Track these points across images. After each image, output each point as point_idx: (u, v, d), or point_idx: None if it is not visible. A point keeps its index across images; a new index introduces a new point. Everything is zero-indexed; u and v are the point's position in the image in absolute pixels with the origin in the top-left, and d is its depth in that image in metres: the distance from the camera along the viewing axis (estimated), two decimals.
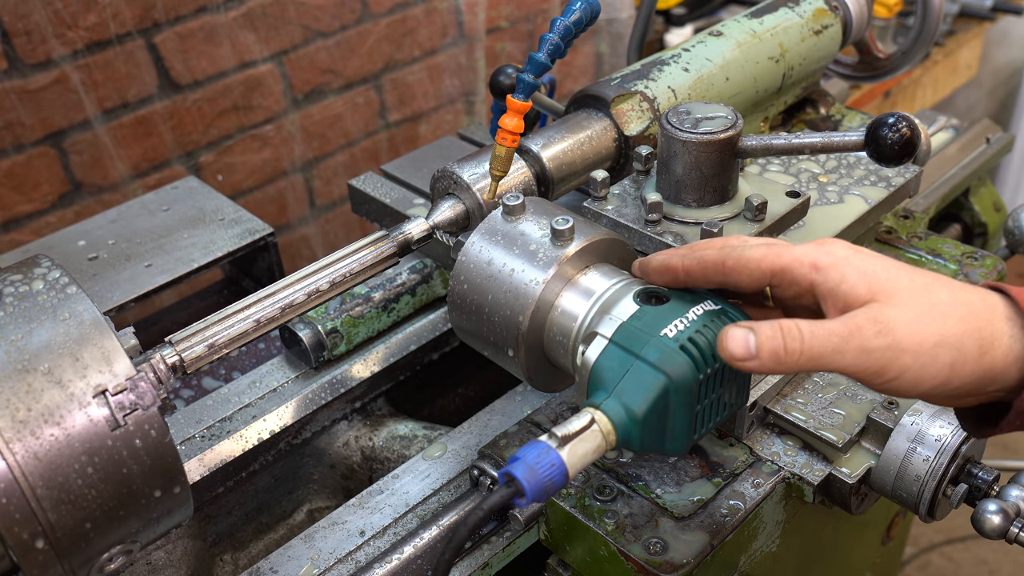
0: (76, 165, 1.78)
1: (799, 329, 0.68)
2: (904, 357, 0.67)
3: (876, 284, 0.68)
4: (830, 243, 0.72)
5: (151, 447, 0.70)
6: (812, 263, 0.70)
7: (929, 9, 1.24)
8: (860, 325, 0.67)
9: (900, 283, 0.69)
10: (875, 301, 0.68)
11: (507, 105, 0.94)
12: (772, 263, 0.72)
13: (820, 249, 0.71)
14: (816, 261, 0.70)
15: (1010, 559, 2.58)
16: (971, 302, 0.69)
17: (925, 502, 0.88)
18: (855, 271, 0.69)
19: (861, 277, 0.69)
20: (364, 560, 0.91)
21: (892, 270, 0.70)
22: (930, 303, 0.68)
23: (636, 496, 0.90)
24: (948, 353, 0.67)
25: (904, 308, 0.68)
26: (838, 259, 0.70)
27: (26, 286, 0.73)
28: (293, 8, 1.94)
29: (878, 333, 0.67)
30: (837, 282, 0.69)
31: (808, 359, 0.68)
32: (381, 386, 1.16)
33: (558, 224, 0.82)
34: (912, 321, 0.67)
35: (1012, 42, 3.40)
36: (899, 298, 0.68)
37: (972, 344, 0.68)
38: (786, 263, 0.71)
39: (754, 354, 0.69)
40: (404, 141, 2.29)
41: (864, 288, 0.68)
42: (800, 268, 0.71)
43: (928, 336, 0.67)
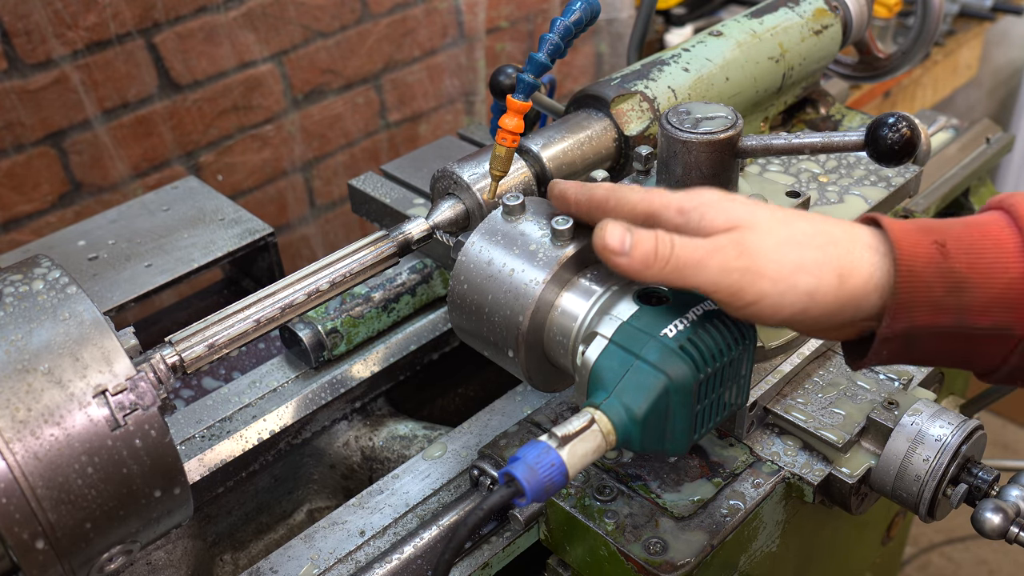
0: (76, 165, 1.78)
1: (671, 240, 0.71)
2: (762, 281, 0.69)
3: (734, 217, 0.71)
4: (700, 190, 0.75)
5: (151, 447, 0.70)
6: (678, 207, 0.73)
7: (929, 9, 1.24)
8: (722, 245, 0.70)
9: (760, 216, 0.71)
10: (735, 229, 0.71)
11: (507, 105, 0.94)
12: (647, 207, 0.75)
13: (688, 195, 0.74)
14: (681, 205, 0.73)
15: (1010, 559, 2.58)
16: (830, 232, 0.71)
17: (925, 502, 0.88)
18: (715, 209, 0.72)
19: (720, 212, 0.72)
20: (364, 560, 0.91)
21: (753, 207, 0.72)
22: (790, 233, 0.70)
23: (636, 496, 0.90)
24: (807, 280, 0.69)
25: (764, 236, 0.70)
26: (702, 202, 0.73)
27: (26, 286, 0.73)
28: (293, 8, 1.94)
29: (738, 255, 0.69)
30: (698, 220, 0.72)
31: (673, 268, 0.70)
32: (381, 386, 1.16)
33: (558, 224, 0.82)
34: (772, 248, 0.69)
35: (1012, 42, 3.40)
36: (759, 228, 0.70)
37: (831, 272, 0.69)
38: (656, 208, 0.74)
39: (626, 251, 0.72)
40: (404, 141, 2.29)
41: (722, 220, 0.71)
42: (667, 212, 0.74)
43: (787, 263, 0.69)
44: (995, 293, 0.69)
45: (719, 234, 0.71)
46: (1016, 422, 2.96)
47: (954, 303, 0.69)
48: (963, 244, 0.70)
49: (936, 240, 0.70)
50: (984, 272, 0.69)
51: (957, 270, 0.69)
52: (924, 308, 0.69)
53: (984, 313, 0.69)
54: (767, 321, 0.71)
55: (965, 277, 0.69)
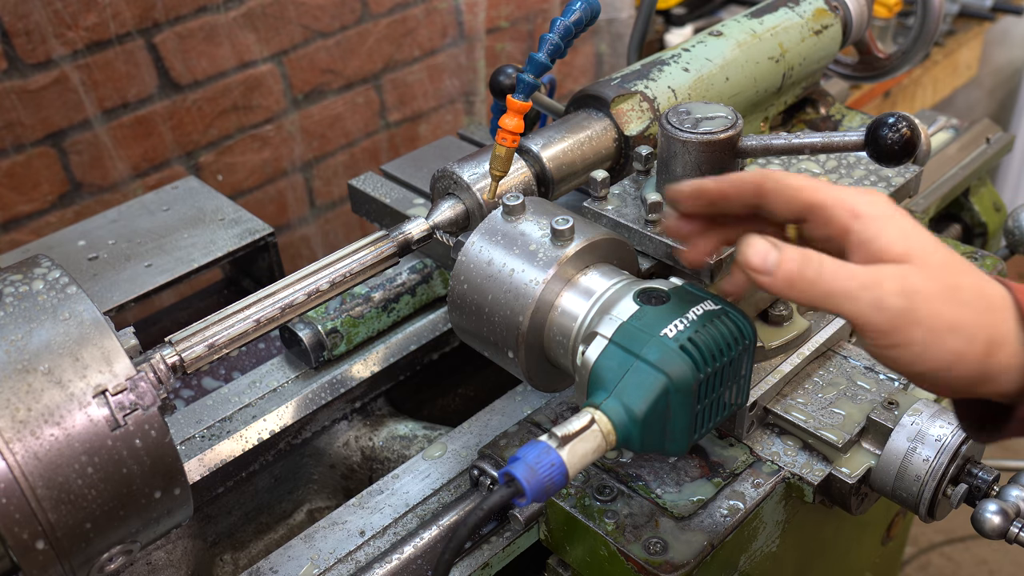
0: (76, 165, 1.78)
1: (820, 261, 0.66)
2: (916, 329, 0.64)
3: (913, 247, 0.65)
4: (874, 193, 0.69)
5: (151, 447, 0.70)
6: (852, 209, 0.67)
7: (929, 9, 1.24)
8: (884, 278, 0.64)
9: (935, 255, 0.66)
10: (907, 263, 0.65)
11: (507, 105, 0.94)
12: (811, 196, 0.69)
13: (864, 197, 0.68)
14: (857, 208, 0.67)
15: (1010, 559, 2.58)
16: (991, 296, 0.66)
17: (925, 502, 0.88)
18: (896, 228, 0.66)
19: (900, 235, 0.66)
20: (364, 560, 0.91)
21: (929, 240, 0.67)
22: (957, 284, 0.65)
23: (636, 496, 0.90)
24: (957, 342, 0.64)
25: (932, 280, 0.65)
26: (881, 212, 0.67)
27: (26, 286, 0.73)
28: (293, 8, 1.94)
29: (899, 292, 0.64)
30: (874, 235, 0.66)
31: (820, 293, 0.65)
32: (381, 386, 1.16)
33: (558, 224, 0.82)
34: (935, 295, 0.64)
35: (1012, 42, 3.40)
36: (931, 268, 0.65)
37: (982, 339, 0.65)
38: (826, 200, 0.68)
39: (770, 270, 0.66)
40: (404, 141, 2.29)
41: (901, 247, 0.65)
42: (839, 209, 0.68)
43: (945, 317, 0.64)
44: None
45: (885, 263, 0.66)
46: None
47: None
48: None
49: None
50: None
51: None
52: None
53: None
54: (903, 369, 0.67)
55: None
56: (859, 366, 1.00)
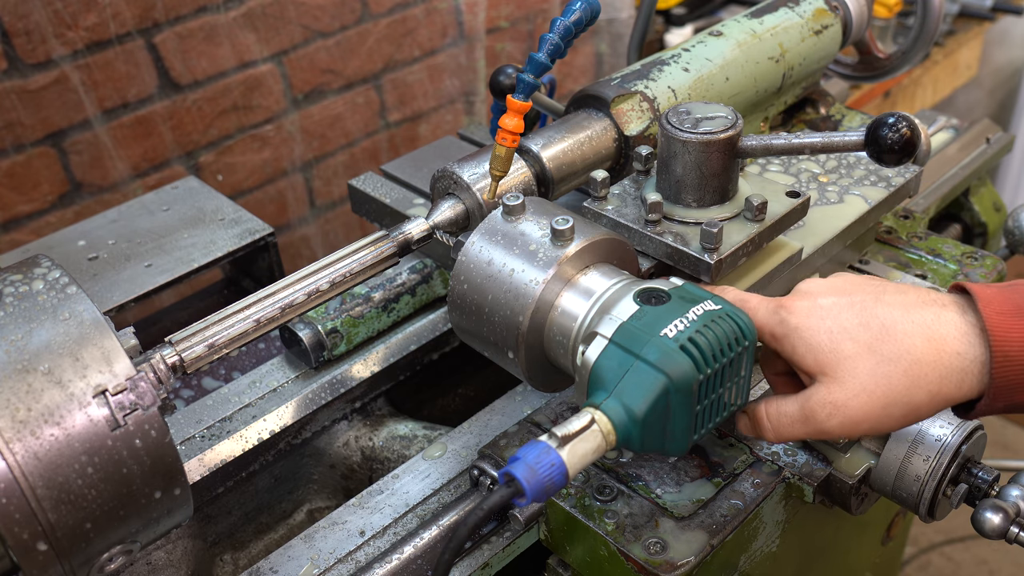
0: (76, 165, 1.78)
1: (767, 417, 0.79)
2: (859, 428, 0.75)
3: (820, 359, 0.75)
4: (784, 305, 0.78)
5: (151, 447, 0.70)
6: (771, 334, 0.79)
7: (929, 9, 1.24)
8: (814, 410, 0.75)
9: (843, 352, 0.74)
10: (823, 375, 0.75)
11: (507, 105, 0.94)
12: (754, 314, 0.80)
13: (774, 318, 0.78)
14: (773, 332, 0.79)
15: (1010, 559, 2.58)
16: (915, 350, 0.73)
17: (925, 502, 0.88)
18: (803, 344, 0.76)
19: (808, 351, 0.76)
20: (364, 560, 0.91)
21: (836, 336, 0.75)
22: (874, 364, 0.73)
23: (636, 496, 0.90)
24: (899, 409, 0.74)
25: (849, 382, 0.74)
26: (787, 331, 0.77)
27: (26, 286, 0.73)
28: (293, 8, 1.94)
29: (830, 415, 0.75)
30: (790, 354, 0.77)
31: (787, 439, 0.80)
32: (381, 386, 1.16)
33: (558, 224, 0.82)
34: (859, 393, 0.74)
35: (1012, 42, 3.40)
36: (842, 371, 0.74)
37: (922, 394, 0.73)
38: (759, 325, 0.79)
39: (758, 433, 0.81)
40: (404, 141, 2.29)
41: (811, 362, 0.76)
42: (763, 337, 0.80)
43: (876, 402, 0.73)
44: None
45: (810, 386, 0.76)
46: (1016, 422, 2.96)
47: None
48: None
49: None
50: None
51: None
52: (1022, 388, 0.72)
53: None
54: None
55: None
56: None
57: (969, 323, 0.73)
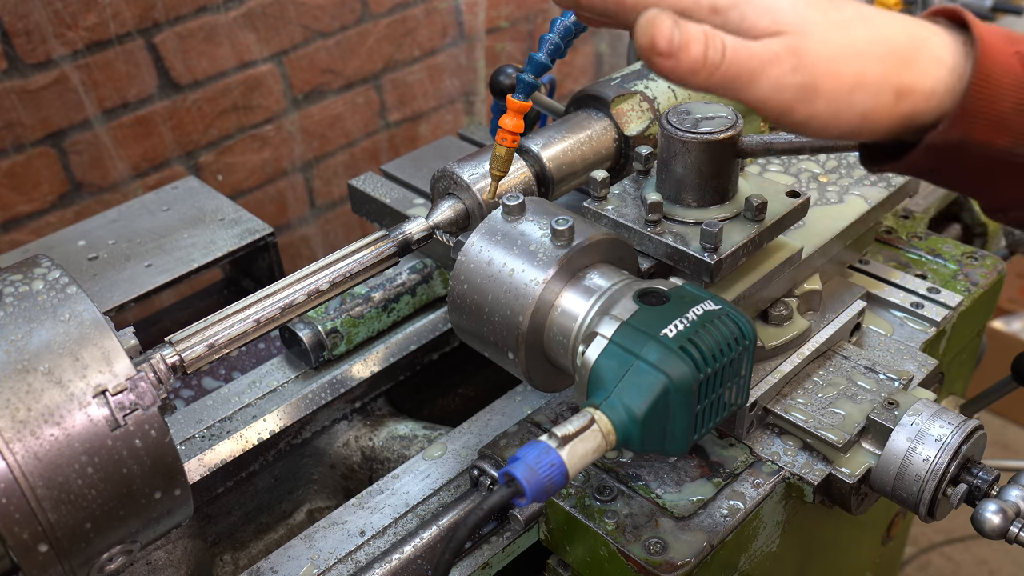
0: (76, 165, 1.78)
1: (722, 43, 0.61)
2: (818, 101, 0.62)
3: (781, 20, 0.62)
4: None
5: (151, 447, 0.70)
6: (711, 5, 0.63)
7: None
8: (778, 55, 0.61)
9: (810, 18, 0.62)
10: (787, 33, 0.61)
11: (507, 105, 0.94)
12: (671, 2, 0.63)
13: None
14: (715, 3, 0.63)
15: (1010, 559, 2.58)
16: (892, 39, 0.63)
17: (925, 502, 0.88)
18: (756, 8, 0.62)
19: (763, 13, 0.62)
20: (364, 560, 0.91)
21: (800, 5, 0.62)
22: (848, 40, 0.62)
23: (636, 496, 0.90)
24: (863, 99, 0.62)
25: (822, 44, 0.61)
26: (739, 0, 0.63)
27: (26, 286, 0.73)
28: (293, 8, 1.94)
29: (795, 68, 0.61)
30: (737, 22, 0.62)
31: (723, 77, 0.61)
32: (381, 386, 1.16)
33: (558, 224, 0.82)
34: (830, 59, 0.61)
35: None
36: (813, 34, 0.62)
37: (888, 91, 0.62)
38: (684, 6, 0.63)
39: (674, 51, 0.60)
40: (404, 141, 2.29)
41: (767, 22, 0.62)
42: (699, 11, 0.63)
43: (845, 79, 0.62)
44: None
45: (768, 38, 0.61)
46: (1016, 422, 2.95)
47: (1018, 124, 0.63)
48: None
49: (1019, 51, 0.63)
50: None
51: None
52: (986, 120, 0.63)
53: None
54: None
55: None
56: (859, 366, 1.00)
57: (955, 39, 0.64)
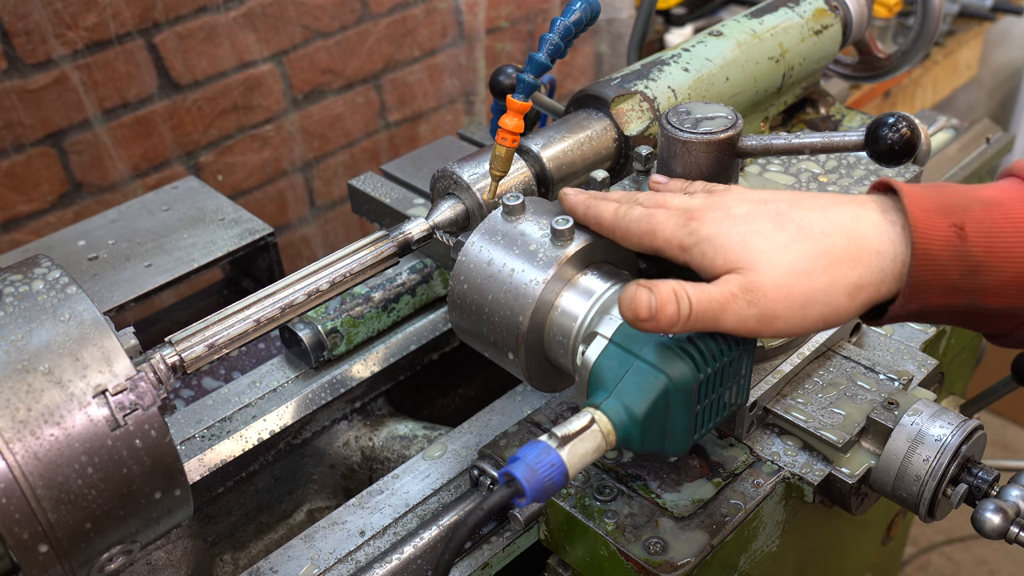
0: (76, 165, 1.78)
1: (688, 295, 0.71)
2: (777, 323, 0.71)
3: (732, 257, 0.72)
4: (695, 216, 0.75)
5: (151, 447, 0.70)
6: (680, 246, 0.75)
7: (929, 9, 1.24)
8: (734, 293, 0.70)
9: (757, 248, 0.71)
10: (738, 269, 0.71)
11: (507, 105, 0.94)
12: (651, 243, 0.77)
13: (684, 230, 0.75)
14: (682, 243, 0.75)
15: (1010, 559, 2.58)
16: (833, 248, 0.71)
17: (925, 502, 0.88)
18: (714, 250, 0.73)
19: (718, 252, 0.72)
20: (364, 560, 0.91)
21: (749, 238, 0.72)
22: (792, 261, 0.70)
23: (636, 496, 0.90)
24: (818, 310, 0.70)
25: (767, 274, 0.70)
26: (698, 239, 0.74)
27: (26, 286, 0.73)
28: (293, 8, 1.94)
29: (750, 303, 0.70)
30: (699, 262, 0.74)
31: (695, 322, 0.71)
32: (381, 386, 1.16)
33: (558, 224, 0.82)
34: (778, 285, 0.70)
35: (1012, 42, 3.40)
36: (759, 264, 0.71)
37: (840, 294, 0.70)
38: (659, 245, 0.76)
39: (654, 315, 0.71)
40: (404, 141, 2.29)
41: (721, 262, 0.72)
42: (671, 251, 0.76)
43: (796, 299, 0.70)
44: (1009, 276, 0.70)
45: (726, 275, 0.72)
46: (1016, 422, 2.96)
47: (968, 285, 0.70)
48: (982, 227, 0.70)
49: (955, 223, 0.70)
50: (1001, 256, 0.70)
51: (974, 254, 0.70)
52: (938, 290, 0.71)
53: (998, 295, 0.71)
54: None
55: (981, 261, 0.70)
56: (859, 366, 1.00)
57: (889, 221, 0.72)
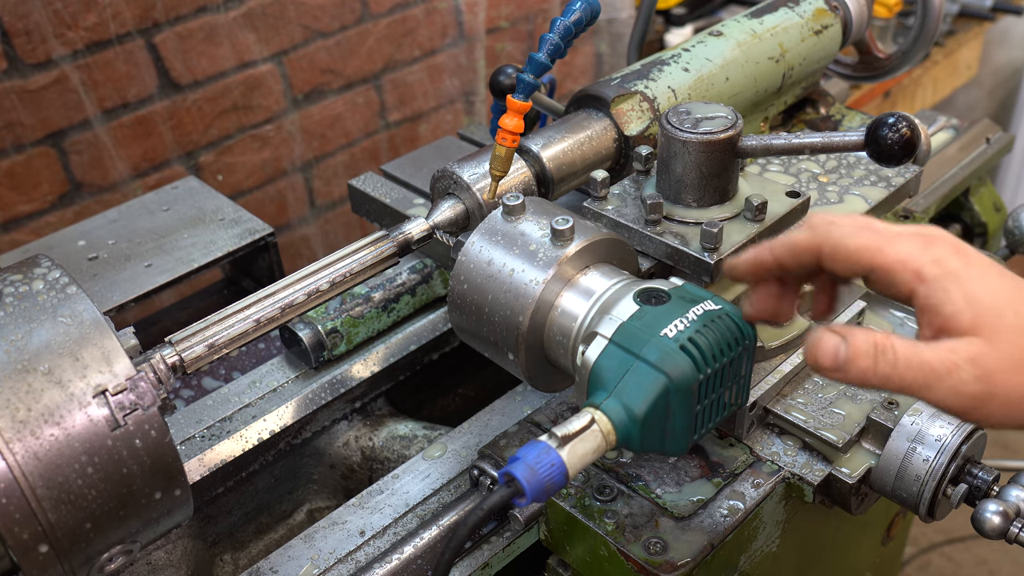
0: (76, 165, 1.78)
1: (895, 353, 0.63)
2: (992, 405, 0.62)
3: (981, 316, 0.62)
4: (937, 243, 0.65)
5: (151, 447, 0.70)
6: (916, 272, 0.64)
7: (929, 9, 1.24)
8: (959, 366, 0.62)
9: (1005, 318, 0.63)
10: (976, 336, 0.62)
11: (507, 105, 0.94)
12: (872, 259, 0.66)
13: (927, 254, 0.65)
14: (921, 271, 0.64)
15: (1010, 559, 2.58)
16: None
17: (925, 502, 0.88)
18: (961, 294, 0.63)
19: (967, 303, 0.63)
20: (364, 560, 0.91)
21: (1000, 297, 0.63)
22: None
23: (636, 496, 0.90)
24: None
25: (1005, 351, 0.62)
26: (946, 272, 0.64)
27: (26, 286, 0.73)
28: (293, 8, 1.94)
29: (976, 379, 0.62)
30: (940, 301, 0.63)
31: (896, 386, 0.63)
32: (381, 386, 1.16)
33: (558, 224, 0.82)
34: (1011, 369, 0.62)
35: (1012, 42, 3.40)
36: (1001, 338, 0.62)
37: None
38: (888, 263, 0.65)
39: (841, 366, 0.64)
40: (404, 141, 2.29)
41: (968, 318, 0.63)
42: (903, 273, 0.65)
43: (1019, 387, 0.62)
44: None
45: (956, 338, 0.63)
46: None
47: None
48: None
49: None
50: None
51: None
52: None
53: None
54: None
55: None
56: None
57: None
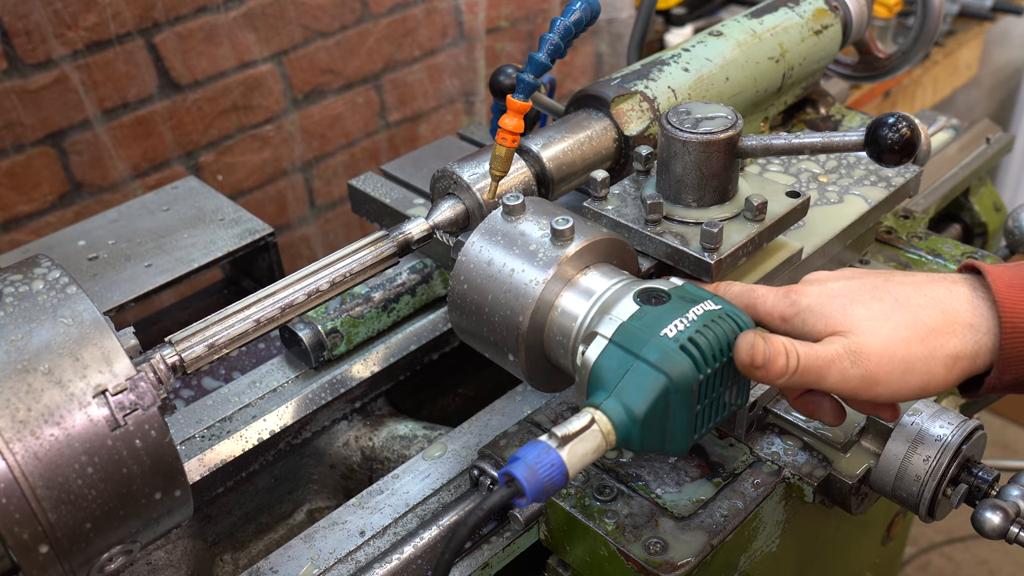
0: (76, 165, 1.78)
1: (796, 351, 0.75)
2: (877, 387, 0.74)
3: (833, 323, 0.76)
4: (797, 291, 0.79)
5: (151, 447, 0.70)
6: (780, 315, 0.79)
7: (929, 9, 1.24)
8: (840, 354, 0.74)
9: (858, 315, 0.75)
10: (841, 334, 0.75)
11: (507, 105, 0.94)
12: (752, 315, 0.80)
13: (786, 300, 0.79)
14: (783, 313, 0.79)
15: (1010, 559, 2.58)
16: (929, 320, 0.74)
17: (925, 502, 0.88)
18: (814, 316, 0.77)
19: (819, 319, 0.76)
20: (364, 560, 0.91)
21: (849, 306, 0.76)
22: (891, 329, 0.74)
23: (636, 496, 0.90)
24: (917, 378, 0.74)
25: (870, 338, 0.74)
26: (800, 309, 0.78)
27: (26, 286, 0.73)
28: (293, 8, 1.94)
29: (854, 363, 0.74)
30: (800, 329, 0.78)
31: (799, 378, 0.75)
32: (381, 386, 1.16)
33: (558, 224, 0.82)
34: (881, 350, 0.74)
35: (1012, 42, 3.40)
36: (862, 329, 0.74)
37: (938, 365, 0.74)
38: (760, 316, 0.80)
39: (766, 363, 0.75)
40: (404, 141, 2.29)
41: (822, 327, 0.76)
42: (771, 321, 0.80)
43: (896, 365, 0.73)
44: None
45: (830, 336, 0.75)
46: (1016, 422, 2.96)
47: None
48: None
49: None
50: None
51: None
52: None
53: None
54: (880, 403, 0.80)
55: None
56: None
57: (980, 297, 0.75)
